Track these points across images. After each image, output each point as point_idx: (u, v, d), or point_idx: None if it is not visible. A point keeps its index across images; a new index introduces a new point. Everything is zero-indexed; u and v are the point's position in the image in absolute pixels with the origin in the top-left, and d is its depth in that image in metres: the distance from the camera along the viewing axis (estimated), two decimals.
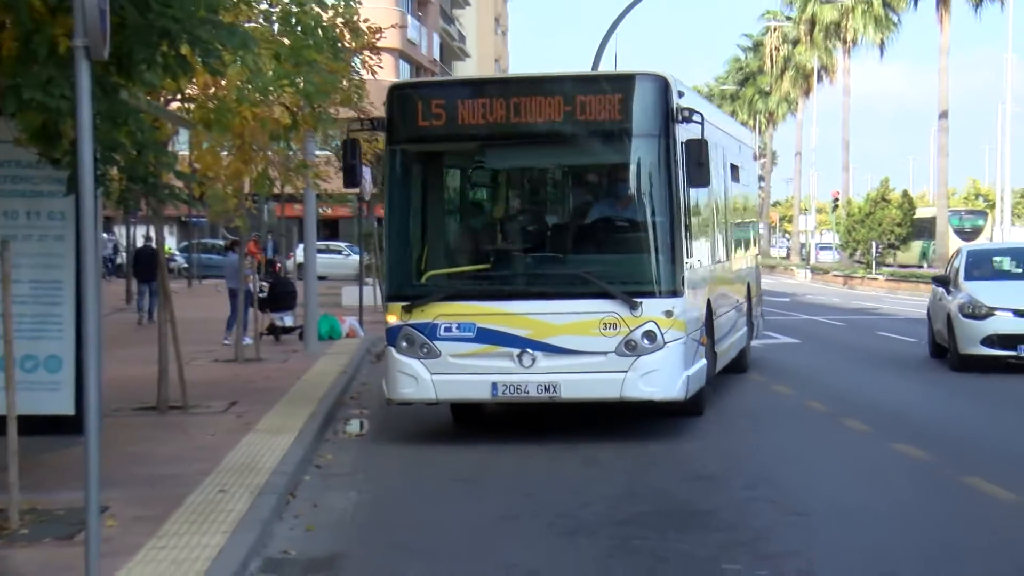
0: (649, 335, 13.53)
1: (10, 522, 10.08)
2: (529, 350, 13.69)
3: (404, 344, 14.12)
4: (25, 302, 10.77)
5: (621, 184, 15.84)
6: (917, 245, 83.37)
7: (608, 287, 13.84)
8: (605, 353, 13.64)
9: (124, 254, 46.84)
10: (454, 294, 14.36)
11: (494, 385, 13.89)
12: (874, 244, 78.20)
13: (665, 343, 13.59)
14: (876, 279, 71.70)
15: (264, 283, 29.75)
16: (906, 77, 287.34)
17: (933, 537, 10.61)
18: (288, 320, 29.46)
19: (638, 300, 13.57)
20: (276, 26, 19.69)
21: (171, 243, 25.82)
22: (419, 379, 13.95)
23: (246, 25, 15.26)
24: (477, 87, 16.55)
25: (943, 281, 26.94)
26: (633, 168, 15.16)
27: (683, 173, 14.25)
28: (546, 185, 17.74)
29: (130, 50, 9.70)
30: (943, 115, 72.81)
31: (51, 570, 9.05)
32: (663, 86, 14.27)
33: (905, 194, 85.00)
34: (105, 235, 41.20)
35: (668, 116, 14.05)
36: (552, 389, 13.74)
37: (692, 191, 15.43)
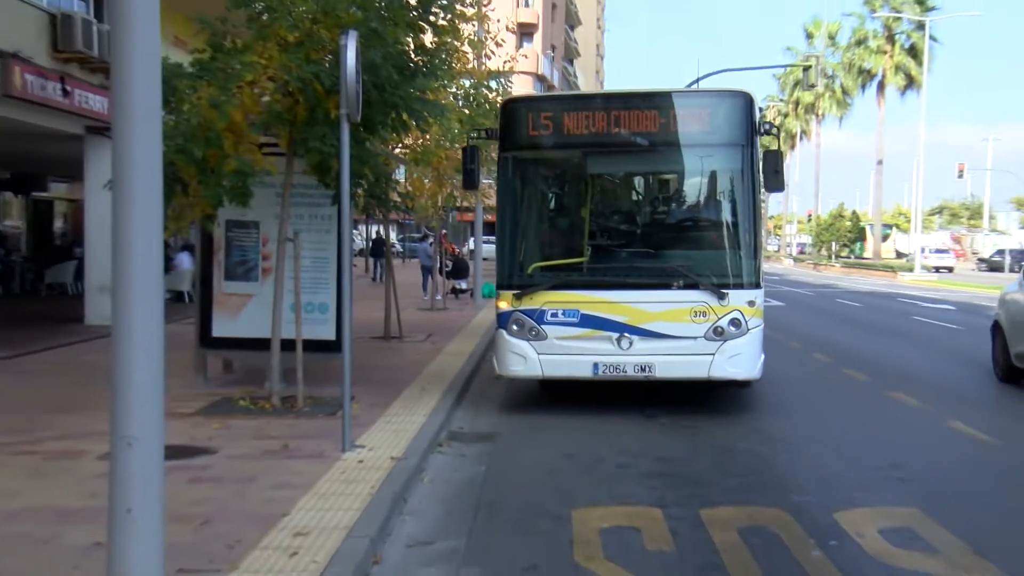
0: (735, 322, 10.59)
1: (297, 404, 10.40)
2: (627, 334, 10.66)
3: (515, 327, 10.94)
4: (307, 270, 10.94)
5: (709, 188, 12.27)
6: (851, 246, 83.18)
7: (700, 279, 10.74)
8: (695, 338, 10.62)
9: (363, 242, 47.37)
10: (560, 284, 10.97)
11: (595, 365, 10.73)
12: (833, 244, 77.50)
13: (748, 329, 10.66)
14: (834, 266, 70.79)
15: (449, 261, 30.19)
16: (856, 138, 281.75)
17: (866, 425, 10.58)
18: (463, 284, 29.88)
19: (725, 291, 10.64)
20: (461, 102, 20.19)
21: (393, 235, 25.97)
22: (528, 358, 10.85)
23: (443, 101, 15.25)
24: (582, 101, 12.87)
25: None
26: (721, 174, 11.82)
27: (762, 179, 11.02)
28: (642, 188, 13.76)
29: (372, 116, 9.85)
30: (879, 162, 71.44)
31: (322, 433, 9.23)
32: (748, 102, 11.04)
33: (854, 213, 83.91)
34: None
35: (752, 128, 10.89)
36: (647, 369, 10.66)
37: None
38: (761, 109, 11.95)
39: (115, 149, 4.78)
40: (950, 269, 64.06)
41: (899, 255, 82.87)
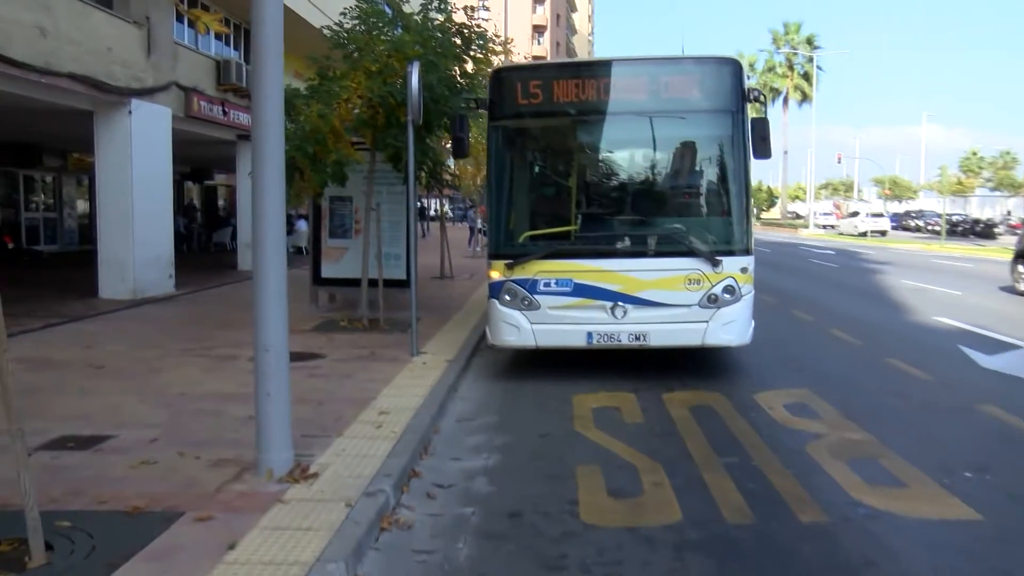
0: (729, 289, 7.71)
1: (380, 324, 10.34)
2: (621, 303, 7.74)
3: (507, 297, 7.89)
4: (385, 230, 10.91)
5: (700, 155, 8.75)
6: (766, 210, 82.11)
7: (695, 247, 7.78)
8: (689, 306, 7.71)
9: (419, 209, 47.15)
10: (552, 253, 7.90)
11: (589, 334, 7.80)
12: (754, 209, 76.62)
13: (741, 296, 7.77)
14: (755, 224, 69.77)
15: (485, 223, 29.91)
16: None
17: (775, 333, 10.36)
18: None
19: (719, 258, 7.71)
20: None
21: (446, 206, 25.45)
22: (521, 328, 7.87)
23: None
24: (571, 70, 8.69)
25: None
26: (712, 141, 8.34)
27: (751, 147, 7.89)
28: (633, 156, 9.51)
29: (430, 121, 9.69)
30: (785, 152, 70.14)
31: (397, 343, 9.21)
32: (738, 69, 7.98)
33: (768, 187, 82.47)
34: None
35: (742, 95, 7.90)
36: (642, 338, 7.75)
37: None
38: (749, 76, 7.78)
39: (253, 150, 4.84)
40: (833, 227, 63.23)
41: (796, 216, 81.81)
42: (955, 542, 4.16)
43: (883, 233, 48.50)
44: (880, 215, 53.19)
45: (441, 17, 10.55)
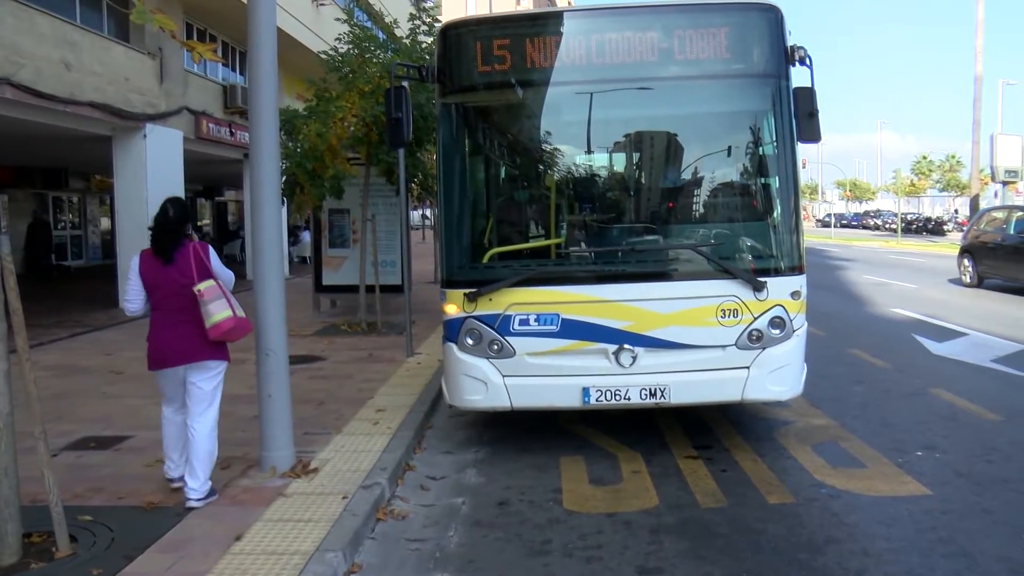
0: (777, 322, 4.99)
1: (378, 327, 10.26)
2: (628, 345, 4.95)
3: (469, 341, 5.07)
4: (382, 239, 10.84)
5: (731, 139, 5.59)
6: None
7: (730, 265, 5.01)
8: (724, 347, 4.97)
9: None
10: (531, 278, 5.02)
11: (585, 391, 4.97)
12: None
13: (793, 331, 5.04)
14: None
15: None
16: None
17: None
18: None
19: (763, 279, 4.96)
20: None
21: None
22: (489, 383, 5.04)
23: None
24: (549, 23, 5.50)
25: None
26: (748, 118, 5.38)
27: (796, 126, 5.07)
28: (639, 142, 5.71)
29: (420, 137, 9.63)
30: None
31: (393, 345, 9.13)
32: (778, 19, 5.07)
33: None
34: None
35: (785, 55, 5.07)
36: (659, 394, 4.96)
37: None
38: (790, 31, 5.37)
39: (251, 168, 4.83)
40: None
41: None
42: (907, 516, 4.16)
43: None
44: None
45: (429, 40, 10.50)
